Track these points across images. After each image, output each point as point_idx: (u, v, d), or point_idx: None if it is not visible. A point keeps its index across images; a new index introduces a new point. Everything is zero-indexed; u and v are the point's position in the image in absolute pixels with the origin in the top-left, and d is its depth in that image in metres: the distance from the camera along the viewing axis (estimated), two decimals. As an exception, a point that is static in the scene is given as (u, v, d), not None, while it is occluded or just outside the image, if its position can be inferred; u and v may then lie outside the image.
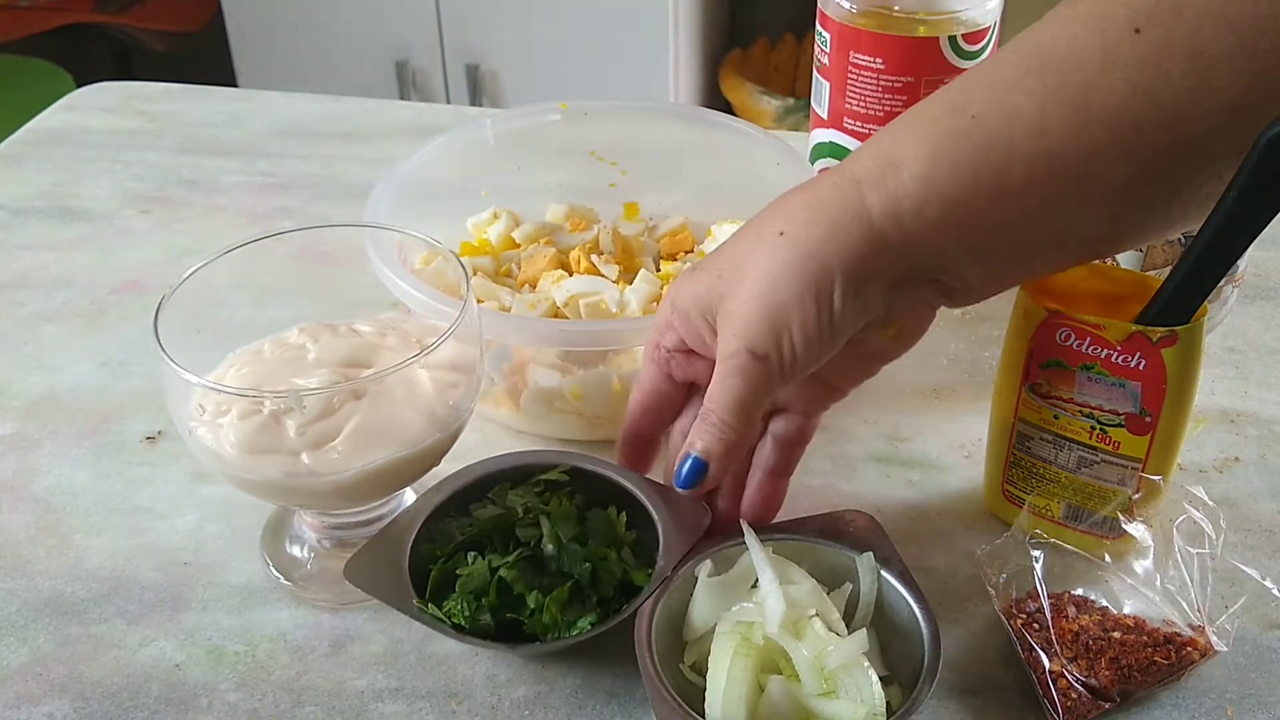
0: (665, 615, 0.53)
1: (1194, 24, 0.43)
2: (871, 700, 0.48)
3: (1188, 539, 0.55)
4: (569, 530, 0.55)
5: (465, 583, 0.53)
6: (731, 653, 0.49)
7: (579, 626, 0.53)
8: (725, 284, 0.51)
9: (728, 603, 0.52)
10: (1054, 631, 0.53)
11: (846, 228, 0.48)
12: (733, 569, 0.54)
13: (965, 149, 0.47)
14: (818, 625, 0.51)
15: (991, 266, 0.50)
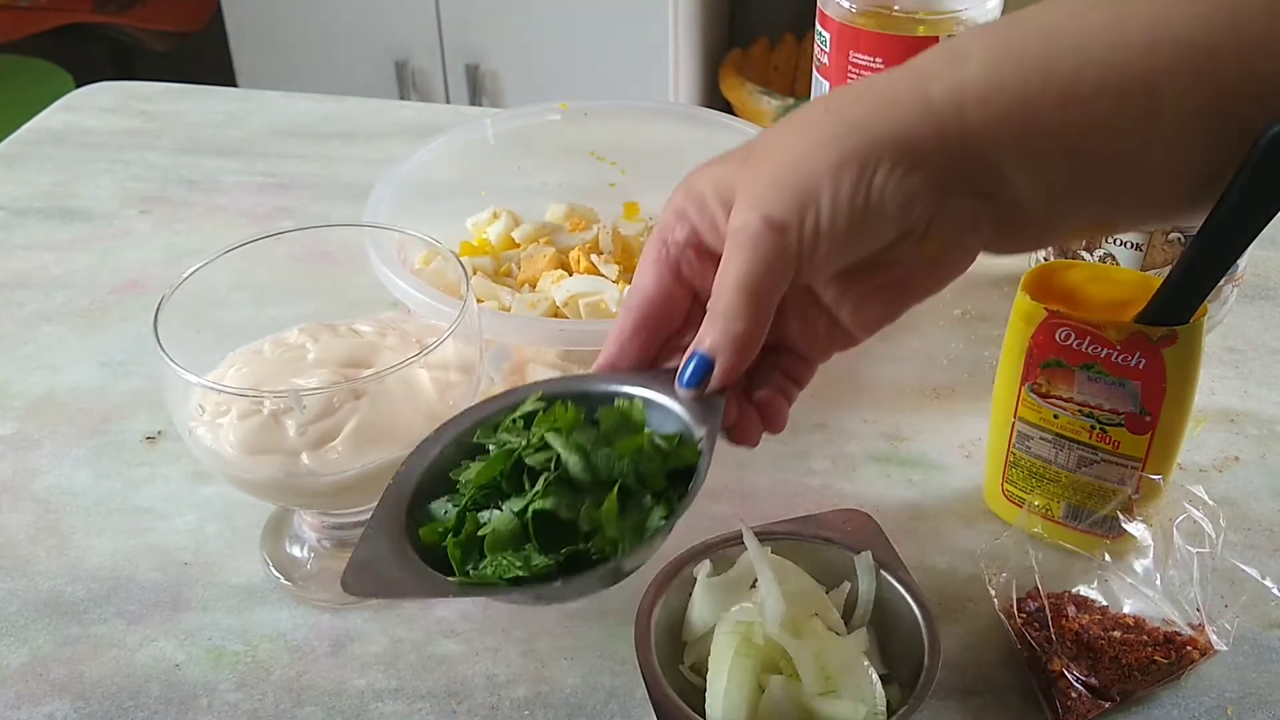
0: (665, 616, 0.52)
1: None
2: (872, 699, 0.48)
3: (1188, 538, 0.55)
4: (587, 436, 0.46)
5: (495, 539, 0.44)
6: (732, 653, 0.49)
7: (651, 526, 0.44)
8: (753, 163, 0.46)
9: (727, 603, 0.52)
10: (1054, 631, 0.53)
11: (903, 105, 0.44)
12: (732, 569, 0.54)
13: (1036, 49, 0.44)
14: (818, 625, 0.50)
15: (1049, 183, 0.45)
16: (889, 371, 0.74)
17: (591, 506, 0.44)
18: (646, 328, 0.48)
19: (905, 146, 0.43)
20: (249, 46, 2.26)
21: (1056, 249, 0.75)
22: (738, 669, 0.49)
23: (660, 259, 0.47)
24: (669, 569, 0.53)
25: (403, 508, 0.46)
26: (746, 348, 0.45)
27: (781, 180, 0.43)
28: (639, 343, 0.48)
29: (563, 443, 0.45)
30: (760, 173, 0.44)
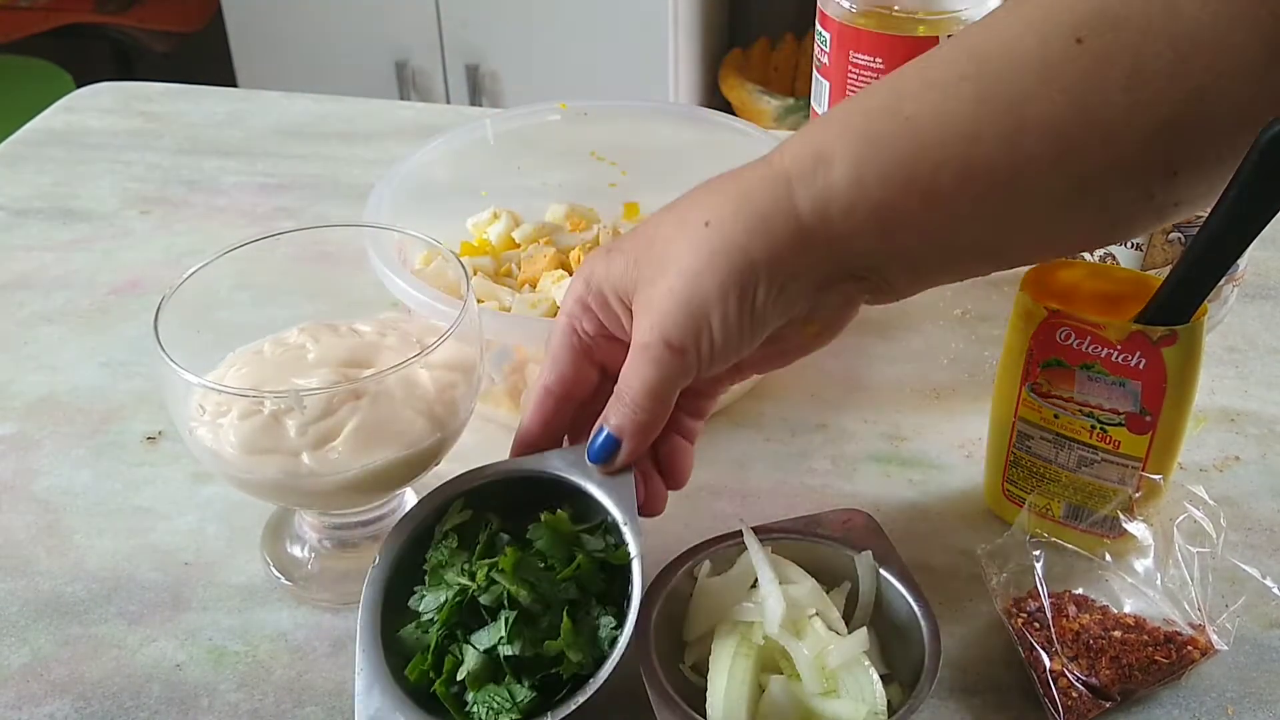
0: (665, 615, 0.52)
1: (1136, 39, 0.43)
2: (873, 699, 0.48)
3: (1188, 538, 0.55)
4: (531, 570, 0.52)
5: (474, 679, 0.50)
6: (732, 653, 0.49)
7: (605, 636, 0.51)
8: (642, 270, 0.50)
9: (727, 603, 0.52)
10: (1054, 630, 0.53)
11: (774, 222, 0.47)
12: (732, 569, 0.54)
13: (897, 151, 0.46)
14: (818, 625, 0.50)
15: (918, 269, 0.50)
16: (889, 371, 0.74)
17: (549, 639, 0.50)
18: (566, 405, 0.55)
19: (780, 264, 0.48)
20: (249, 46, 2.26)
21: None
22: (738, 669, 0.49)
23: (573, 346, 0.54)
24: (669, 568, 0.53)
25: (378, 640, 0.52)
26: (649, 432, 0.52)
27: (676, 301, 0.49)
28: (559, 419, 0.55)
29: (510, 580, 0.51)
30: (656, 284, 0.49)
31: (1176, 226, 0.69)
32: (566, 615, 0.51)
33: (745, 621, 0.51)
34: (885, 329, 0.78)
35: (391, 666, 0.51)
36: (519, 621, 0.50)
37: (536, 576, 0.52)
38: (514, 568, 0.51)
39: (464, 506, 0.56)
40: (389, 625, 0.53)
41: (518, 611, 0.51)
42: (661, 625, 0.52)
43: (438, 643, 0.51)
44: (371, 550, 0.58)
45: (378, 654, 0.52)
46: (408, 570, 0.55)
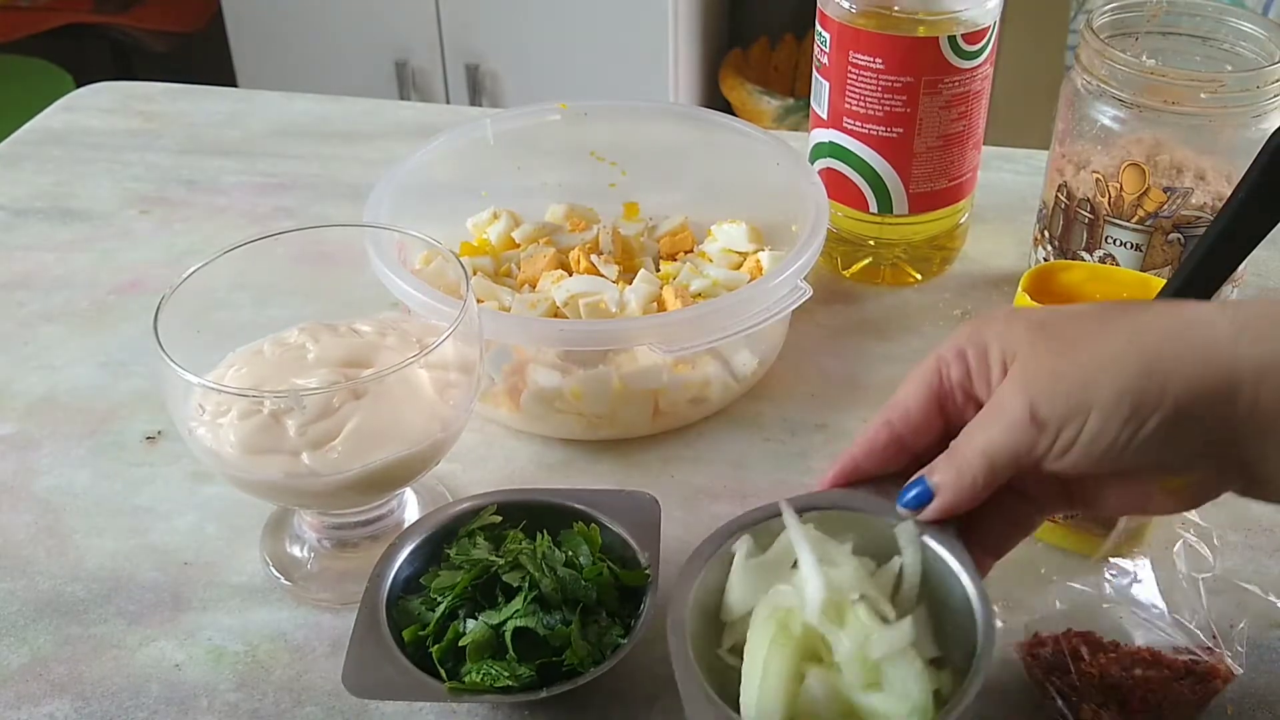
0: (702, 595, 0.49)
1: None
2: (917, 695, 0.45)
3: (1188, 564, 0.55)
4: (557, 562, 0.54)
5: (474, 649, 0.52)
6: (768, 643, 0.46)
7: (610, 642, 0.53)
8: (1041, 339, 0.46)
9: (766, 584, 0.49)
10: (1077, 676, 0.52)
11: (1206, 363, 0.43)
12: (771, 549, 0.50)
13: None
14: (861, 611, 0.47)
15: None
16: (889, 371, 0.74)
17: (561, 625, 0.52)
18: (897, 445, 0.50)
19: (1189, 405, 0.43)
20: (249, 46, 2.26)
21: (1058, 250, 0.75)
22: (774, 660, 0.46)
23: (930, 386, 0.49)
24: (707, 546, 0.50)
25: (382, 607, 0.54)
26: (967, 498, 0.47)
27: (1062, 380, 0.44)
28: (886, 456, 0.50)
29: (534, 564, 0.53)
30: (1046, 360, 0.45)
31: (1177, 227, 0.69)
32: (578, 614, 0.52)
33: (783, 608, 0.47)
34: (885, 329, 0.78)
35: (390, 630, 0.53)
36: (536, 601, 0.53)
37: (561, 569, 0.54)
38: (542, 555, 0.54)
39: (496, 512, 0.58)
40: None
41: (536, 592, 0.53)
42: (699, 606, 0.49)
43: (442, 615, 0.53)
44: (371, 550, 0.58)
45: (378, 613, 0.54)
46: None
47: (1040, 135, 0.86)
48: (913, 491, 0.48)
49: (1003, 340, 0.47)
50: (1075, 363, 0.44)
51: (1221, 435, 0.43)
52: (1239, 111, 0.67)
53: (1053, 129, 0.75)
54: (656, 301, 0.72)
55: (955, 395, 0.49)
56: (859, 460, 0.50)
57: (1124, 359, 0.44)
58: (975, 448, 0.46)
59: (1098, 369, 0.44)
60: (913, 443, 0.50)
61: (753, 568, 0.49)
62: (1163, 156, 0.69)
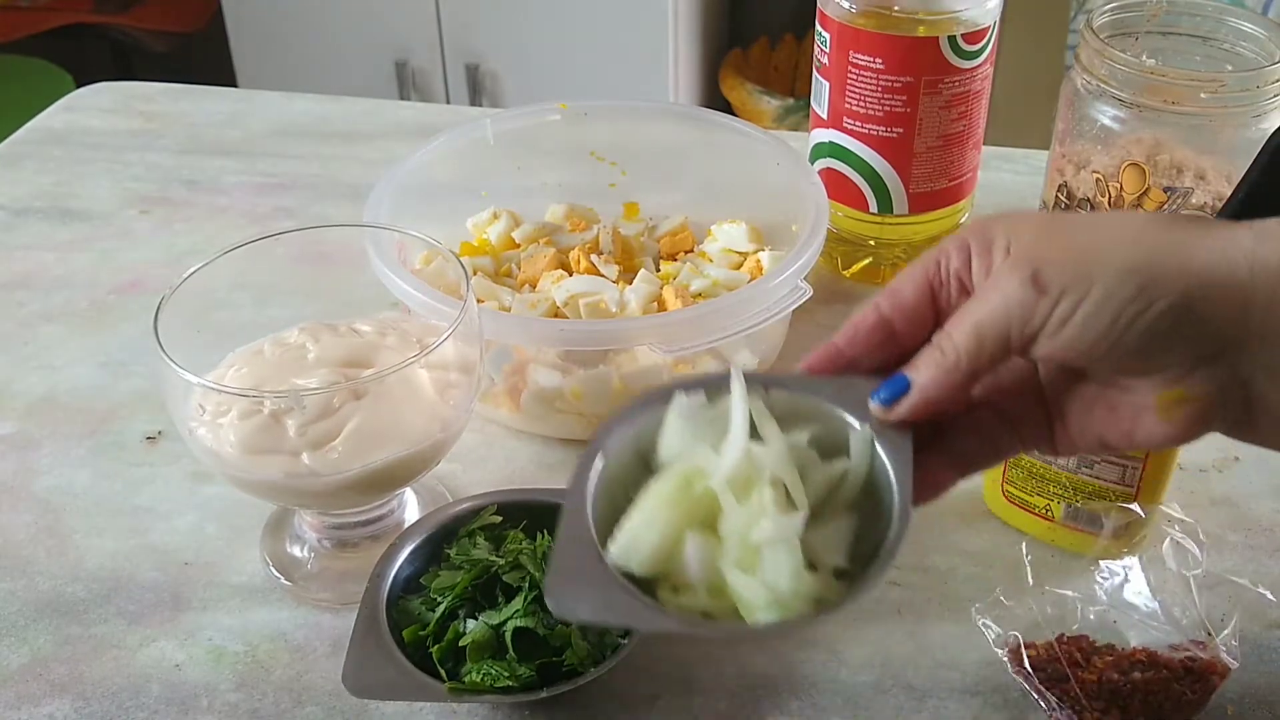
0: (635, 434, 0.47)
1: None
2: (782, 591, 0.42)
3: (1176, 562, 0.55)
4: None
5: (475, 649, 0.52)
6: (663, 496, 0.44)
7: (610, 642, 0.53)
8: (1050, 227, 0.43)
9: (698, 440, 0.46)
10: (1076, 684, 0.51)
11: (1223, 252, 0.40)
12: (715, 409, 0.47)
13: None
14: (767, 494, 0.44)
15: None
16: (889, 371, 0.74)
17: (561, 625, 0.52)
18: (884, 331, 0.46)
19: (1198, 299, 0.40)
20: (249, 46, 2.26)
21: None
22: (662, 510, 0.44)
23: (927, 274, 0.46)
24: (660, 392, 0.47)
25: (382, 607, 0.54)
26: (944, 385, 0.44)
27: (1069, 250, 0.41)
28: (871, 342, 0.46)
29: (535, 563, 0.53)
30: (1056, 235, 0.43)
31: (1176, 227, 0.69)
32: None
33: (694, 466, 0.45)
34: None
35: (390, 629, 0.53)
36: (536, 602, 0.52)
37: None
38: (542, 555, 0.54)
39: (496, 513, 0.58)
40: None
41: (536, 592, 0.53)
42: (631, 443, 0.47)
43: (442, 616, 0.53)
44: (371, 550, 0.58)
45: (379, 613, 0.54)
46: None
47: (1040, 135, 0.86)
48: (891, 380, 0.45)
49: (1010, 231, 0.44)
50: (1085, 242, 0.42)
51: (1231, 337, 0.41)
52: (1239, 111, 0.67)
53: (1053, 129, 0.75)
54: (656, 301, 0.72)
55: (950, 286, 0.45)
56: (842, 346, 0.47)
57: (1139, 240, 0.41)
58: (963, 325, 0.43)
59: (1109, 244, 0.41)
60: (901, 332, 0.46)
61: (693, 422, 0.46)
62: (1163, 156, 0.69)
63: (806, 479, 0.46)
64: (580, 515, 0.44)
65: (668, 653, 0.56)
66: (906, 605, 0.59)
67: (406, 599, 0.55)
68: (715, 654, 0.56)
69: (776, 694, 0.55)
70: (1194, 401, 0.42)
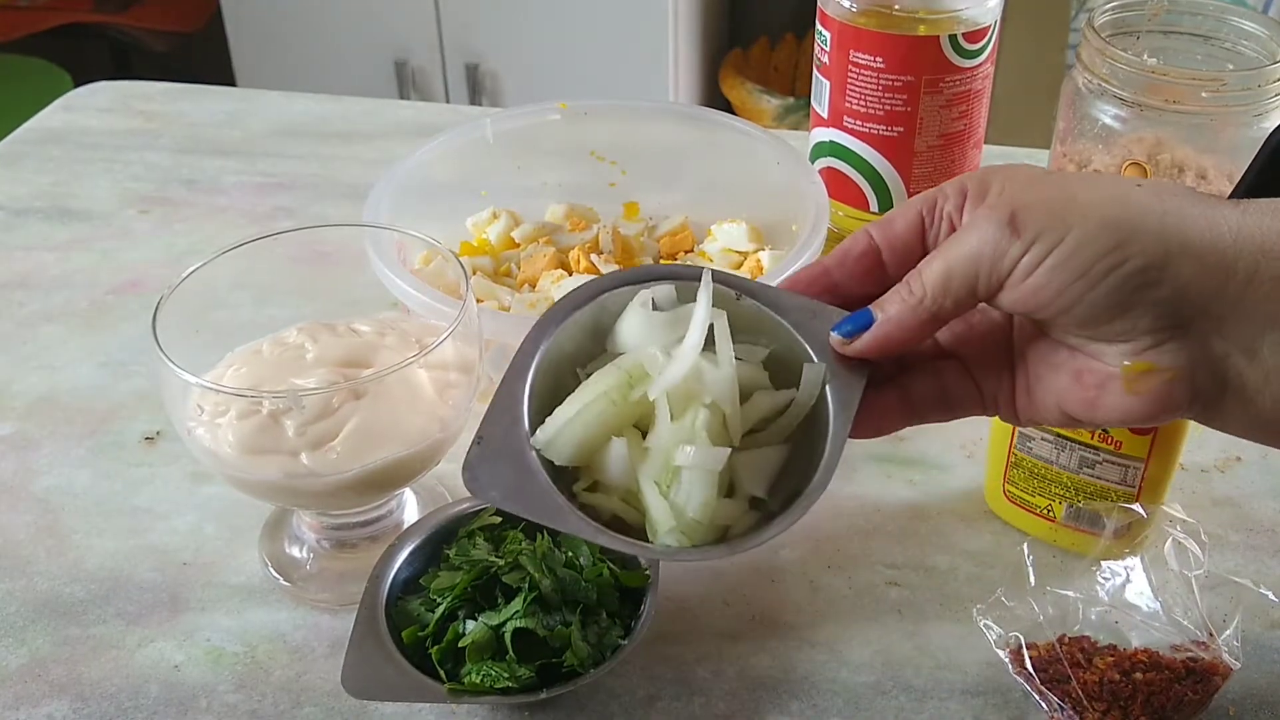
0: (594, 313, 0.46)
1: None
2: (687, 516, 0.42)
3: (1178, 562, 0.55)
4: (557, 563, 0.54)
5: (474, 649, 0.52)
6: (601, 390, 0.43)
7: (609, 643, 0.53)
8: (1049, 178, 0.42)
9: (655, 338, 0.45)
10: (1078, 685, 0.51)
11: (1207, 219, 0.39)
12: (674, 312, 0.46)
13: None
14: (701, 416, 0.43)
15: None
16: (889, 371, 0.74)
17: (561, 625, 0.52)
18: (872, 257, 0.45)
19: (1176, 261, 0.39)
20: (249, 46, 2.26)
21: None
22: (596, 407, 0.43)
23: (920, 212, 0.45)
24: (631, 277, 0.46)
25: (381, 608, 0.54)
26: (912, 325, 0.43)
27: (1050, 198, 0.41)
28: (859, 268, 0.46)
29: (534, 564, 0.53)
30: (1045, 186, 0.42)
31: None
32: (578, 614, 0.52)
33: (637, 367, 0.44)
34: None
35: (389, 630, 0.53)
36: (536, 602, 0.52)
37: (561, 570, 0.54)
38: (542, 555, 0.54)
39: (495, 513, 0.58)
40: None
41: (536, 593, 0.53)
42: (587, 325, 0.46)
43: (441, 616, 0.53)
44: (371, 551, 0.58)
45: (377, 614, 0.53)
46: None
47: (1041, 134, 0.86)
48: (852, 319, 0.44)
49: (1005, 179, 0.43)
50: (1067, 195, 0.41)
51: (1206, 309, 0.39)
52: (1240, 110, 0.66)
53: (1054, 128, 0.75)
54: (656, 301, 0.71)
55: (940, 225, 0.45)
56: (830, 266, 0.46)
57: (1126, 199, 0.40)
58: (934, 264, 0.42)
59: (1094, 198, 0.40)
60: (890, 263, 0.45)
61: (657, 318, 0.46)
62: (1164, 155, 0.69)
63: (750, 401, 0.45)
64: (517, 388, 0.43)
65: (668, 653, 0.56)
66: (907, 605, 0.59)
67: (406, 600, 0.55)
68: (715, 654, 0.56)
69: (776, 694, 0.55)
70: (1162, 374, 0.41)
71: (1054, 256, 0.40)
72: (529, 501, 0.43)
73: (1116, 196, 0.41)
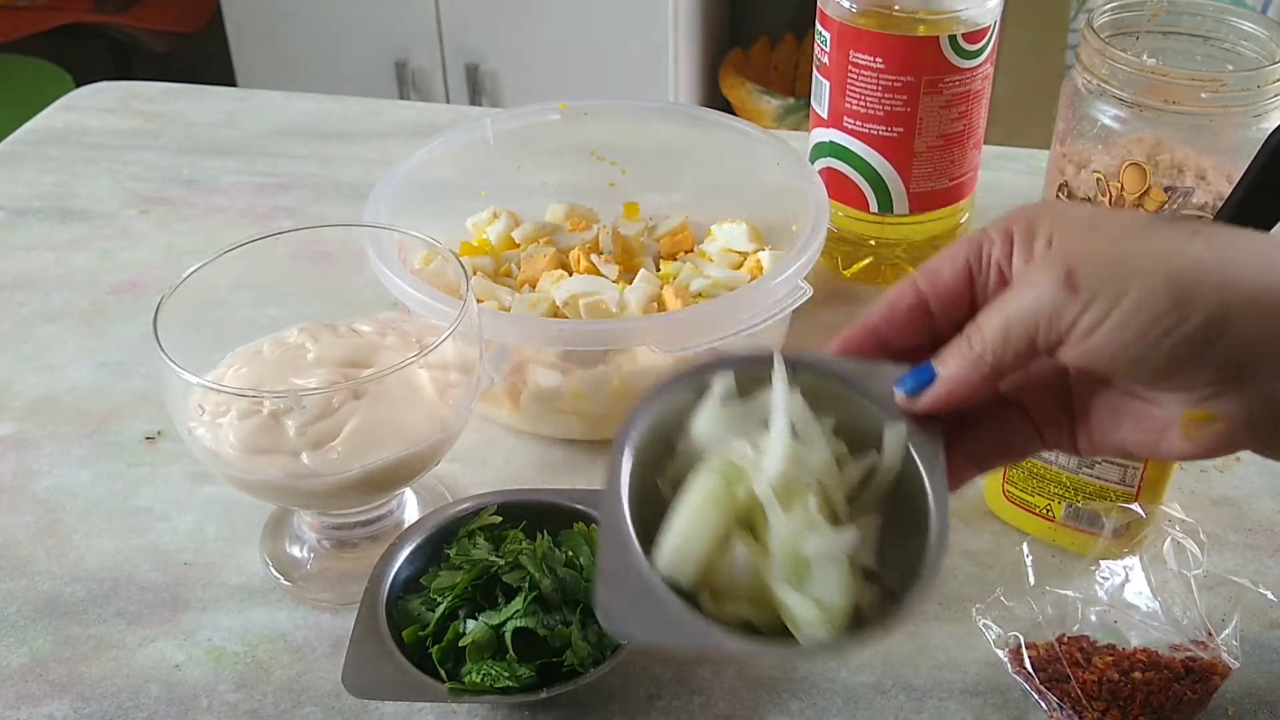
0: (661, 415, 0.45)
1: None
2: (834, 609, 0.41)
3: (1177, 562, 0.55)
4: (558, 563, 0.54)
5: (474, 649, 0.52)
6: (707, 495, 0.43)
7: (609, 643, 0.53)
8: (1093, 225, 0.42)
9: (734, 431, 0.44)
10: (1077, 684, 0.51)
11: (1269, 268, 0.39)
12: (755, 397, 0.45)
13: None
14: (812, 502, 0.43)
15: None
16: (889, 371, 0.74)
17: (561, 625, 0.52)
18: (921, 311, 0.45)
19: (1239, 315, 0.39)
20: (249, 46, 2.26)
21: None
22: (707, 515, 0.42)
23: (968, 259, 0.44)
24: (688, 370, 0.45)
25: (382, 607, 0.54)
26: (973, 380, 0.43)
27: (1105, 253, 0.40)
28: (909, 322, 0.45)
29: (535, 564, 0.53)
30: (1098, 234, 0.41)
31: (1177, 226, 0.69)
32: (578, 614, 0.52)
33: (735, 464, 0.43)
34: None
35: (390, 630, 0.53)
36: (536, 602, 0.53)
37: (561, 569, 0.54)
38: (542, 555, 0.54)
39: (496, 513, 0.58)
40: None
41: (536, 593, 0.53)
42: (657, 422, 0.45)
43: (442, 616, 0.53)
44: (371, 550, 0.58)
45: (378, 613, 0.54)
46: None
47: (1041, 135, 0.86)
48: (917, 369, 0.44)
49: (1053, 224, 0.42)
50: (1122, 249, 0.40)
51: (1267, 356, 0.39)
52: (1240, 111, 0.67)
53: (1053, 128, 0.75)
54: (656, 301, 0.72)
55: (990, 273, 0.44)
56: (878, 323, 0.46)
57: (1181, 251, 0.39)
58: (993, 319, 0.42)
59: (1150, 252, 0.40)
60: (939, 313, 0.45)
61: (728, 410, 0.45)
62: (1164, 156, 0.69)
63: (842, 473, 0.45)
64: (619, 518, 0.42)
65: (668, 652, 0.56)
66: (907, 605, 0.59)
67: (406, 599, 0.55)
68: (714, 654, 0.56)
69: (776, 694, 0.55)
70: (1221, 422, 0.41)
71: (1114, 317, 0.40)
72: (670, 630, 0.41)
73: (1173, 251, 0.40)
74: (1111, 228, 0.42)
